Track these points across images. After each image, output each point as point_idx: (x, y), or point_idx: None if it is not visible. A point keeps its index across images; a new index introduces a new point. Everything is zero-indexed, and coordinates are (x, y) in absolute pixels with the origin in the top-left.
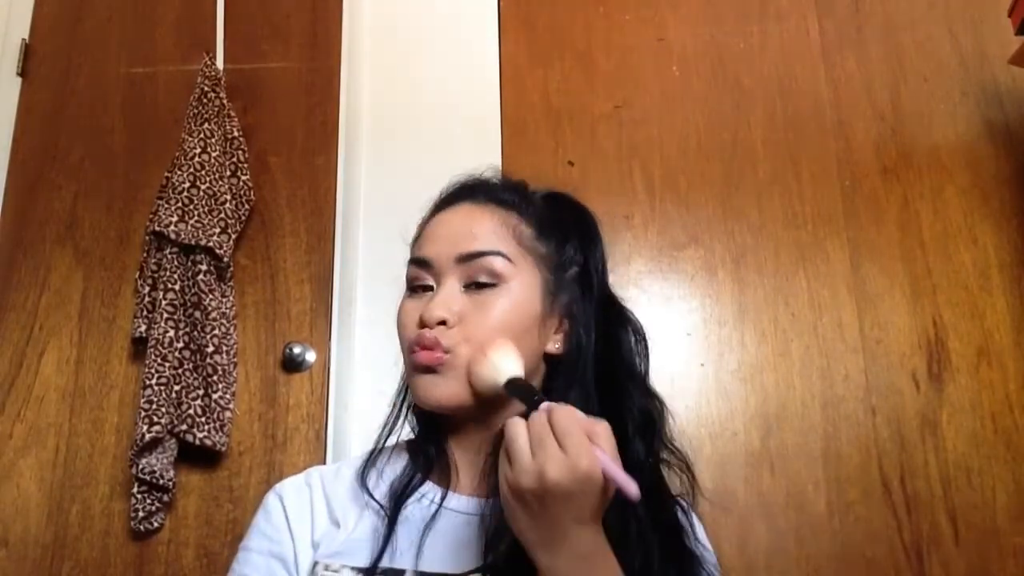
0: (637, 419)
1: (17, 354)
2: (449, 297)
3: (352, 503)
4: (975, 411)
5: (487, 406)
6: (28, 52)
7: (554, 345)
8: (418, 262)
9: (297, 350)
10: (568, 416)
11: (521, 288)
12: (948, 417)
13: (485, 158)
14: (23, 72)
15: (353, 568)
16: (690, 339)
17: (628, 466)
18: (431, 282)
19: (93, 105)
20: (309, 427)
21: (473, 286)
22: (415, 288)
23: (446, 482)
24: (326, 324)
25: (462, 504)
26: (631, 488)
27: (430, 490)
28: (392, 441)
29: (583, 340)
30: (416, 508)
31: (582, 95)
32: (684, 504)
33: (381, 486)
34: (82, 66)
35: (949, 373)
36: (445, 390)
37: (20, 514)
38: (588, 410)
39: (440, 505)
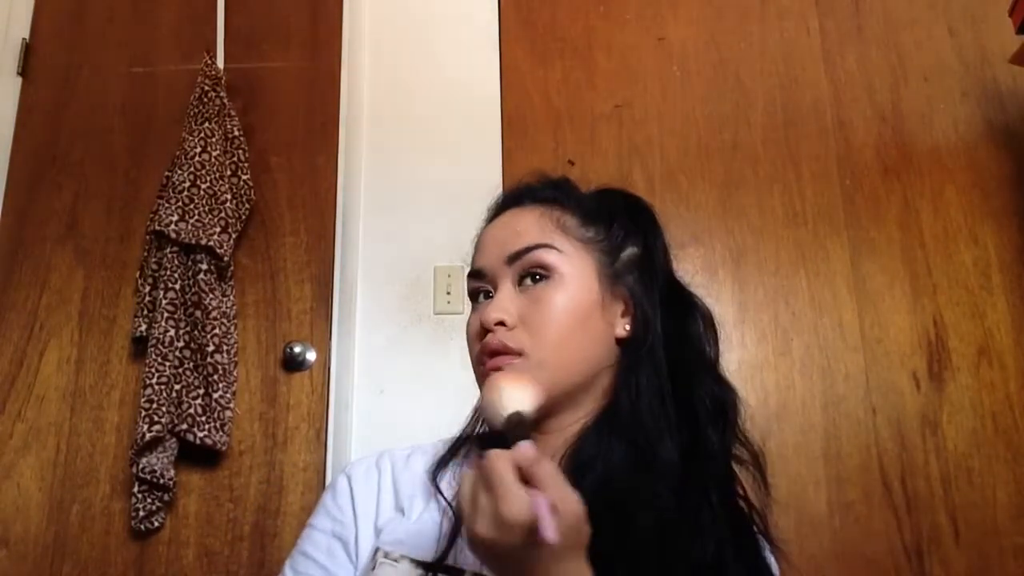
0: (709, 407)
1: (17, 353)
2: (504, 298)
3: (419, 493)
4: (975, 411)
5: (560, 409)
6: (28, 52)
7: (623, 328)
8: (473, 274)
9: (297, 349)
10: (498, 463)
11: (575, 275)
12: (948, 417)
13: (485, 158)
14: (23, 72)
15: (413, 560)
16: None
17: (701, 455)
18: (489, 289)
19: (93, 105)
20: (309, 426)
21: (528, 281)
22: (475, 299)
23: None
24: (326, 324)
25: None
26: (547, 532)
27: None
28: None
29: (649, 320)
30: None
31: (582, 95)
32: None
33: (452, 483)
34: (82, 66)
35: (949, 373)
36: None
37: (20, 514)
38: (660, 396)
39: None
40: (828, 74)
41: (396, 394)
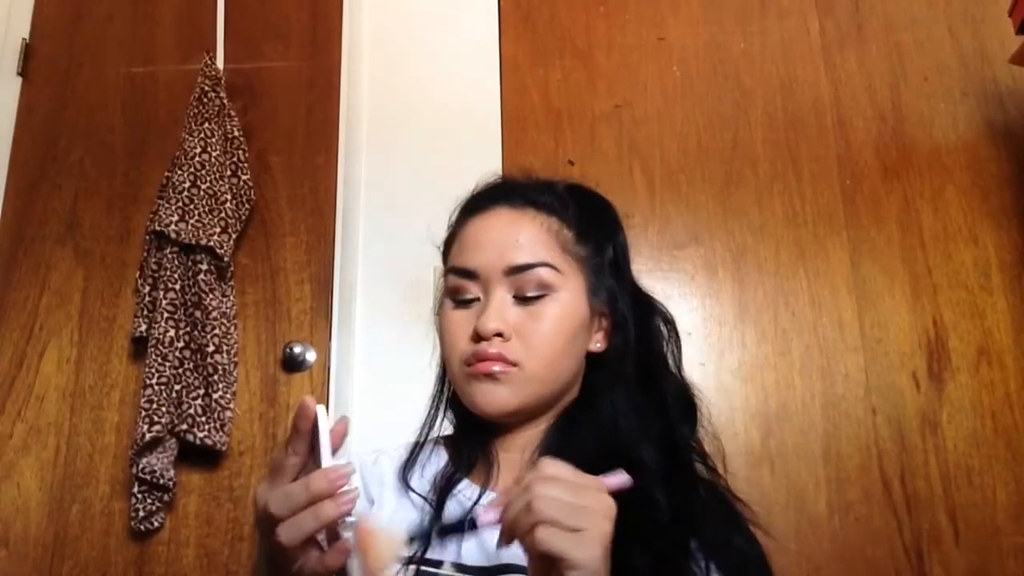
0: (678, 407)
1: (17, 354)
2: (502, 308)
3: (389, 492)
4: (975, 411)
5: (533, 414)
6: (28, 52)
7: (595, 344)
8: (462, 272)
9: (297, 350)
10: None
11: (569, 295)
12: (948, 417)
13: (485, 158)
14: (23, 72)
15: None
16: (690, 338)
17: (674, 452)
18: (477, 293)
19: (93, 105)
20: None
21: (525, 295)
22: (460, 299)
23: (484, 480)
24: (326, 324)
25: None
26: (614, 480)
27: (466, 488)
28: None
29: (628, 335)
30: (454, 503)
31: (582, 94)
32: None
33: (422, 482)
34: (82, 66)
35: (949, 373)
36: (510, 398)
37: (20, 514)
38: (636, 405)
39: (476, 502)
40: (828, 74)
41: (396, 394)
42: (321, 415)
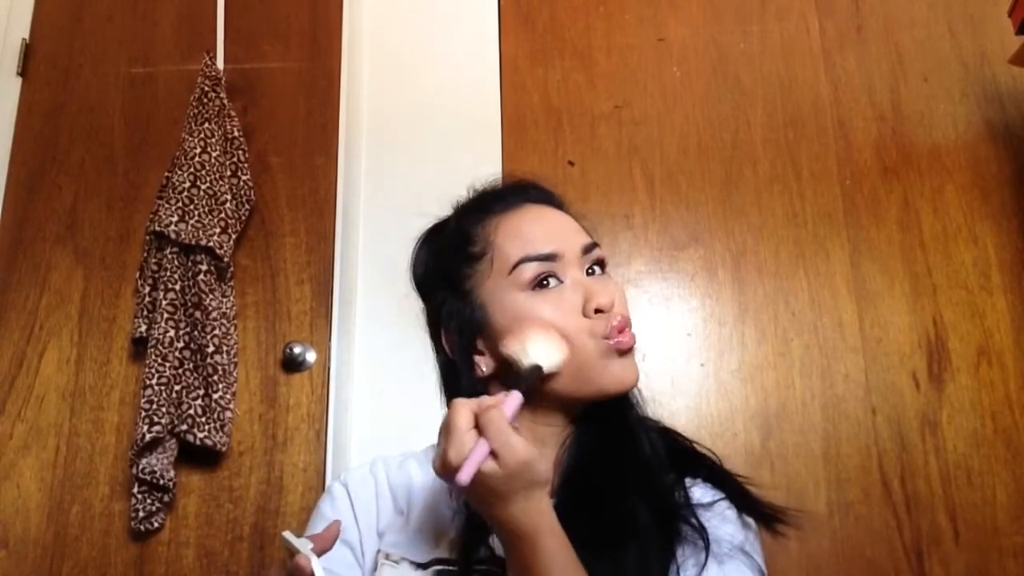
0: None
1: (17, 354)
2: (605, 281)
3: (418, 496)
4: (975, 411)
5: (573, 401)
6: (28, 52)
7: None
8: (545, 257)
9: (297, 350)
10: (458, 409)
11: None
12: (948, 417)
13: (485, 158)
14: (23, 72)
15: (412, 563)
16: (690, 339)
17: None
18: (559, 275)
19: (93, 105)
20: (309, 427)
21: (596, 271)
22: (542, 283)
23: None
24: (326, 324)
25: None
26: (460, 475)
27: None
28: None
29: None
30: None
31: (582, 95)
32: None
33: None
34: (82, 66)
35: (949, 373)
36: (636, 370)
37: (20, 514)
38: None
39: None
40: (828, 74)
41: (396, 394)
42: (315, 564)
